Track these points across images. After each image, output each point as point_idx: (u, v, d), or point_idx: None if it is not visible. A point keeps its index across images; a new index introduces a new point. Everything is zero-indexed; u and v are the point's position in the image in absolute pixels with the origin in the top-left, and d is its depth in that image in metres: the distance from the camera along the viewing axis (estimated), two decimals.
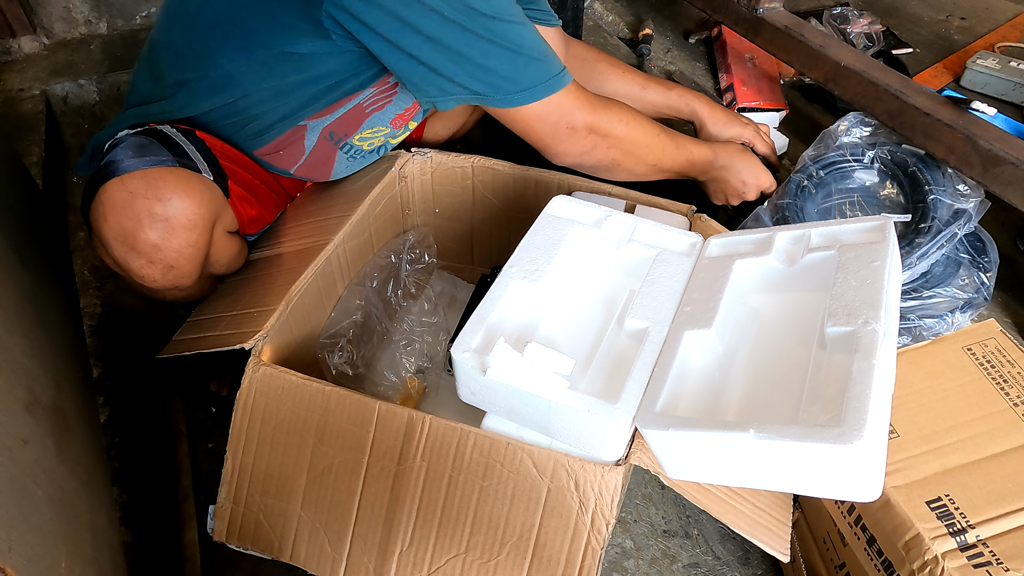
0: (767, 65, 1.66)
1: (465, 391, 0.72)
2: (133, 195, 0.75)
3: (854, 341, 0.60)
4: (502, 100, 0.83)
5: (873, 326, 0.60)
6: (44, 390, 0.75)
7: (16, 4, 1.75)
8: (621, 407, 0.64)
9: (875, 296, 0.62)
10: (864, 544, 0.68)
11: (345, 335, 0.96)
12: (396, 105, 0.95)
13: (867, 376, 0.56)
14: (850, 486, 0.57)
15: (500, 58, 0.79)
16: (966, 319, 0.96)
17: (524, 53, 0.81)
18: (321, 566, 0.73)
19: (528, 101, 0.83)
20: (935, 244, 0.95)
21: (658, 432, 0.62)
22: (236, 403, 0.75)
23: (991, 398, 0.70)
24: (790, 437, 0.55)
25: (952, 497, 0.62)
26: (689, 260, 0.79)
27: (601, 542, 0.65)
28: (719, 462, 0.62)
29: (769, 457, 0.58)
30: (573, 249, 0.81)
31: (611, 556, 0.92)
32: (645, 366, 0.68)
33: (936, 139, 1.05)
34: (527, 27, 0.82)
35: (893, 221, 0.71)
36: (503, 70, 0.80)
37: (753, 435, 0.56)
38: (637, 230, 0.82)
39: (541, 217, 0.84)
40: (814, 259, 0.72)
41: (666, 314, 0.73)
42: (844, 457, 0.54)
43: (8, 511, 0.56)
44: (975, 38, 1.78)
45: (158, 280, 0.81)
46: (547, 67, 0.83)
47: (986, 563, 0.58)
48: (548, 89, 0.84)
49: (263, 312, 0.79)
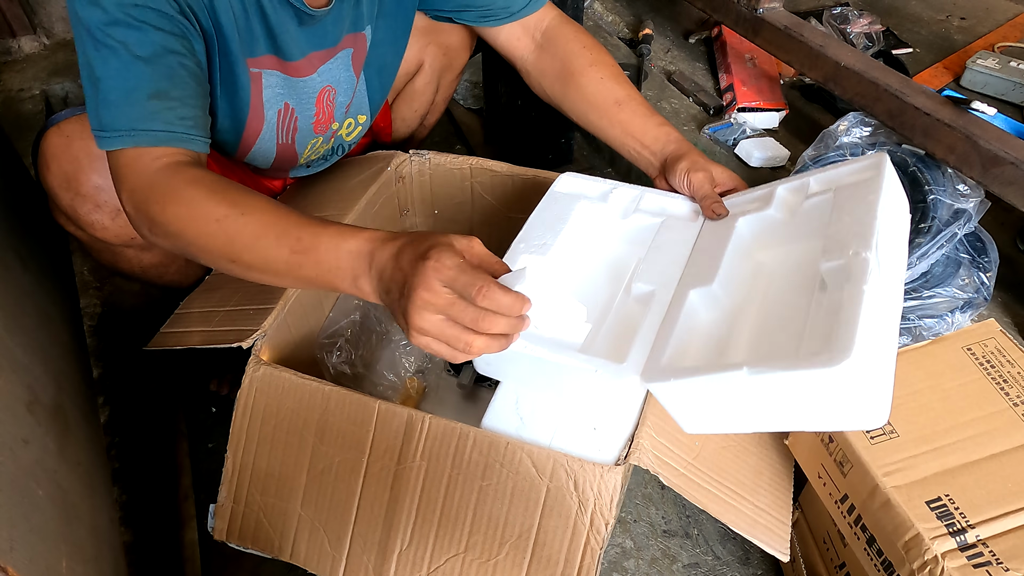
0: (767, 65, 1.66)
1: (480, 362, 0.73)
2: (70, 138, 0.76)
3: (846, 272, 0.60)
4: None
5: (864, 255, 0.60)
6: (44, 390, 0.75)
7: (16, 4, 1.75)
8: (627, 365, 0.64)
9: (867, 227, 0.62)
10: (864, 544, 0.68)
11: (344, 335, 0.96)
12: (302, 118, 0.91)
13: (856, 301, 0.56)
14: (850, 412, 0.56)
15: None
16: (966, 319, 0.96)
17: None
18: (321, 565, 0.73)
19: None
20: (935, 244, 0.95)
21: (663, 384, 0.62)
22: (236, 402, 0.75)
23: (991, 398, 0.70)
24: (780, 368, 0.55)
25: (952, 497, 0.62)
26: (695, 225, 0.80)
27: (600, 542, 0.65)
28: (726, 407, 0.62)
29: (769, 394, 0.58)
30: (580, 223, 0.82)
31: (611, 556, 0.92)
32: (651, 327, 0.68)
33: (936, 139, 1.05)
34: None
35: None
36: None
37: (747, 372, 0.56)
38: (643, 200, 0.83)
39: (548, 194, 0.84)
40: (813, 205, 0.72)
41: (672, 277, 0.74)
42: (834, 380, 0.53)
43: (9, 511, 0.56)
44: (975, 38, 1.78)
45: (109, 227, 0.79)
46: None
47: (986, 563, 0.58)
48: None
49: (260, 310, 0.79)
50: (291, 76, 0.86)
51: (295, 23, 0.81)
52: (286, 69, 0.85)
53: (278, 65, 0.84)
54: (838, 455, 0.69)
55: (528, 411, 0.73)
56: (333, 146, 1.02)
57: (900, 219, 0.70)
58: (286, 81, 0.86)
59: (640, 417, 0.71)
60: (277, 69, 0.84)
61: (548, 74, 0.96)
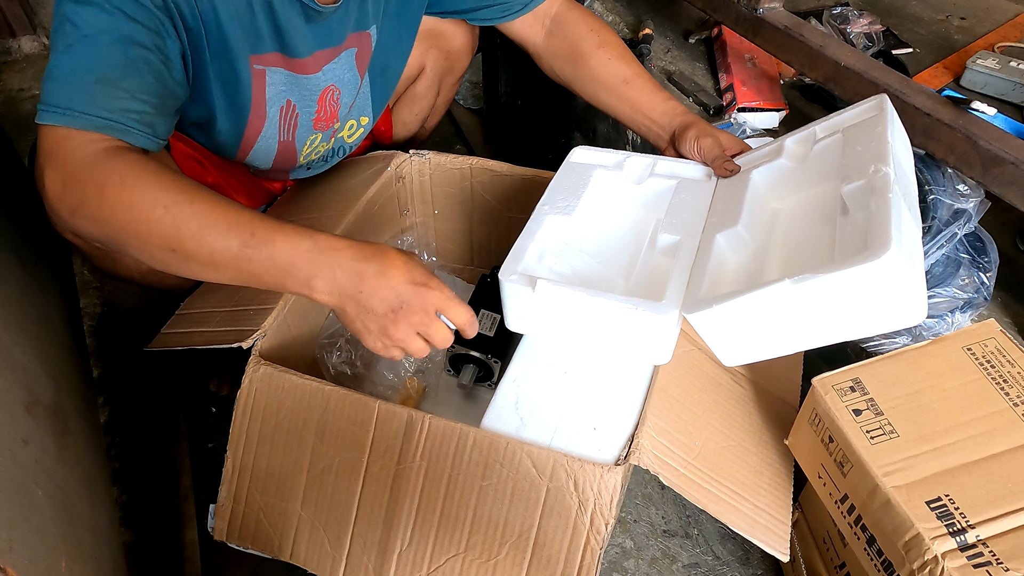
0: (767, 65, 1.66)
1: (514, 317, 0.75)
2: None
3: (868, 188, 0.62)
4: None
5: (884, 170, 0.62)
6: (44, 390, 0.75)
7: (16, 4, 1.75)
8: (667, 303, 0.66)
9: (882, 149, 0.65)
10: (864, 544, 0.68)
11: (343, 335, 0.96)
12: (303, 115, 0.92)
13: (885, 207, 0.59)
14: (893, 309, 0.58)
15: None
16: (966, 319, 0.96)
17: None
18: (321, 565, 0.73)
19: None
20: (935, 244, 0.95)
21: (704, 313, 0.64)
22: (236, 402, 0.75)
23: (991, 398, 0.69)
24: (824, 271, 0.57)
25: (952, 497, 0.62)
26: (709, 185, 0.84)
27: (600, 542, 0.65)
28: (768, 328, 0.64)
29: (812, 305, 0.60)
30: (598, 189, 0.85)
31: (611, 556, 0.92)
32: (683, 270, 0.71)
33: (936, 139, 1.05)
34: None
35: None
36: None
37: (790, 283, 0.59)
38: (656, 166, 0.87)
39: (564, 165, 0.88)
40: (822, 148, 0.76)
41: (696, 226, 0.77)
42: (877, 274, 0.55)
43: (8, 511, 0.56)
44: (975, 38, 1.78)
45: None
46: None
47: (986, 563, 0.58)
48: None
49: (260, 310, 0.79)
50: (296, 73, 0.86)
51: (302, 20, 0.81)
52: (291, 66, 0.85)
53: (283, 62, 0.84)
54: (838, 455, 0.69)
55: (528, 411, 0.73)
56: (334, 147, 1.02)
57: (906, 151, 0.73)
58: (290, 78, 0.86)
59: (640, 417, 0.71)
60: (282, 66, 0.84)
61: (559, 56, 1.00)
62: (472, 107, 1.72)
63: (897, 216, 0.58)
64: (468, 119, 1.67)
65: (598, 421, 0.71)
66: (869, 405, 0.70)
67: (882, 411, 0.69)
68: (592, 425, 0.71)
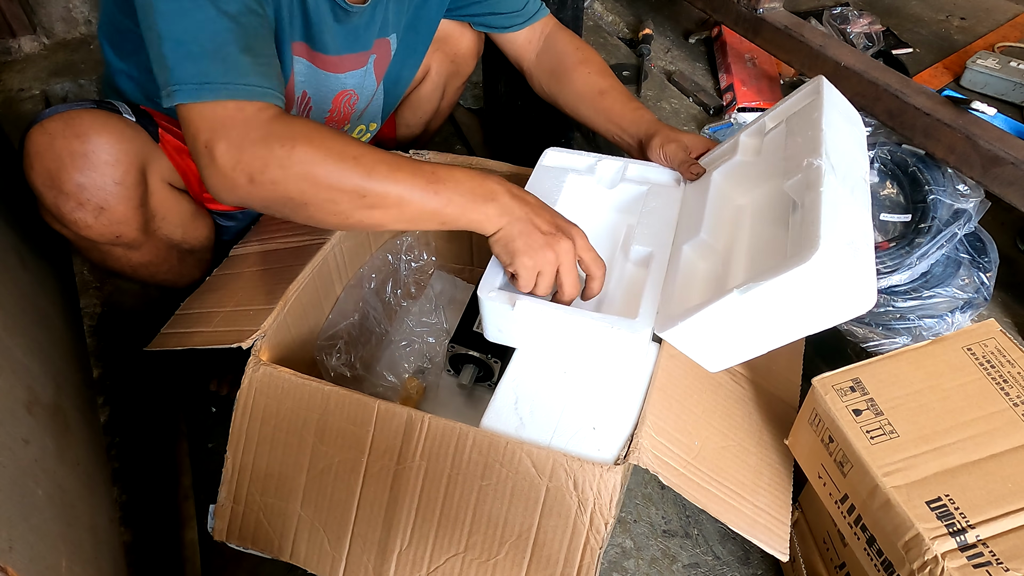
0: (767, 65, 1.66)
1: (493, 330, 0.78)
2: (52, 136, 0.76)
3: (804, 183, 0.65)
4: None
5: (816, 163, 0.64)
6: (44, 390, 0.75)
7: (16, 4, 1.75)
8: (640, 321, 0.70)
9: (815, 140, 0.67)
10: (864, 544, 0.68)
11: (343, 337, 0.96)
12: (315, 110, 0.92)
13: (815, 203, 0.61)
14: (839, 302, 0.61)
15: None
16: (966, 319, 0.96)
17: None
18: (321, 565, 0.73)
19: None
20: (935, 244, 0.95)
21: (674, 330, 0.67)
22: (236, 402, 0.75)
23: (991, 398, 0.69)
24: (762, 278, 0.60)
25: (952, 497, 0.62)
26: (678, 190, 0.87)
27: (600, 542, 0.65)
28: (736, 334, 0.66)
29: (765, 308, 0.62)
30: (571, 194, 0.87)
31: (611, 556, 0.92)
32: (655, 284, 0.74)
33: (936, 139, 1.05)
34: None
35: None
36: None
37: (737, 293, 0.62)
38: (627, 170, 0.89)
39: (537, 169, 0.90)
40: (771, 139, 0.78)
41: (666, 237, 0.80)
42: (811, 275, 0.58)
43: (9, 511, 0.56)
44: (975, 38, 1.78)
45: (92, 225, 0.79)
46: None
47: (986, 563, 0.58)
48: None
49: (260, 311, 0.79)
50: (319, 68, 0.87)
51: (331, 17, 0.83)
52: (315, 60, 0.86)
53: (308, 54, 0.85)
54: (838, 455, 0.69)
55: (527, 411, 0.73)
56: None
57: (850, 128, 0.75)
58: (311, 71, 0.87)
59: (640, 416, 0.71)
60: (306, 58, 0.86)
61: (545, 72, 1.04)
62: (472, 107, 1.72)
63: (831, 208, 0.60)
64: (468, 119, 1.67)
65: (598, 421, 0.71)
66: (869, 405, 0.70)
67: (882, 411, 0.69)
68: (592, 425, 0.71)
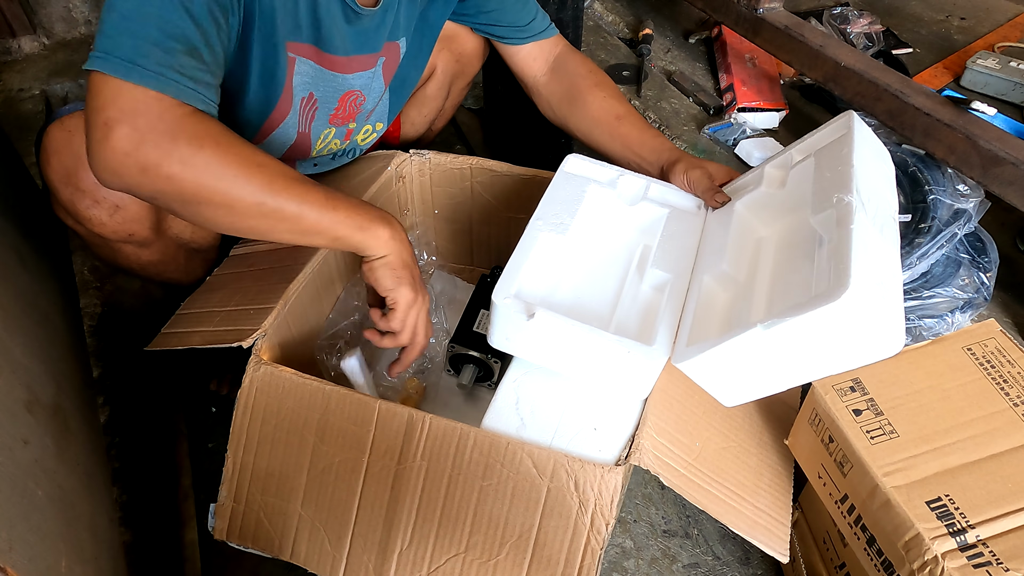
0: (767, 65, 1.66)
1: (500, 337, 0.75)
2: (71, 133, 0.76)
3: (833, 219, 0.64)
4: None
5: (847, 199, 0.63)
6: (44, 390, 0.75)
7: (16, 4, 1.75)
8: (657, 348, 0.69)
9: (845, 176, 0.66)
10: (864, 544, 0.68)
11: (344, 336, 0.96)
12: (321, 110, 0.93)
13: (846, 240, 0.60)
14: (864, 344, 0.60)
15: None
16: (966, 319, 0.96)
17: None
18: (321, 565, 0.73)
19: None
20: (935, 244, 0.95)
21: (691, 362, 0.65)
22: (237, 402, 0.75)
23: (991, 398, 0.70)
24: (788, 315, 0.58)
25: (952, 497, 0.62)
26: (699, 217, 0.85)
27: (601, 542, 0.65)
28: (754, 370, 0.65)
29: (788, 345, 0.61)
30: (592, 206, 0.86)
31: (611, 556, 0.92)
32: (673, 311, 0.72)
33: (936, 139, 1.05)
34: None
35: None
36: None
37: (761, 328, 0.60)
38: (649, 189, 0.87)
39: (559, 174, 0.88)
40: (798, 172, 0.77)
41: (685, 264, 0.78)
42: (839, 314, 0.56)
43: (8, 511, 0.56)
44: (975, 38, 1.78)
45: (107, 223, 0.79)
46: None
47: (986, 563, 0.58)
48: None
49: (260, 310, 0.79)
50: (325, 69, 0.87)
51: (342, 19, 0.83)
52: (323, 61, 0.86)
53: (315, 56, 0.85)
54: (838, 455, 0.69)
55: (528, 411, 0.73)
56: (346, 148, 1.03)
57: (880, 165, 0.74)
58: (318, 72, 0.87)
59: (640, 417, 0.71)
60: (312, 59, 0.85)
61: (556, 94, 1.04)
62: (472, 107, 1.72)
63: (861, 247, 0.59)
64: (468, 119, 1.67)
65: (598, 421, 0.71)
66: (869, 405, 0.70)
67: (882, 411, 0.69)
68: (593, 425, 0.71)
